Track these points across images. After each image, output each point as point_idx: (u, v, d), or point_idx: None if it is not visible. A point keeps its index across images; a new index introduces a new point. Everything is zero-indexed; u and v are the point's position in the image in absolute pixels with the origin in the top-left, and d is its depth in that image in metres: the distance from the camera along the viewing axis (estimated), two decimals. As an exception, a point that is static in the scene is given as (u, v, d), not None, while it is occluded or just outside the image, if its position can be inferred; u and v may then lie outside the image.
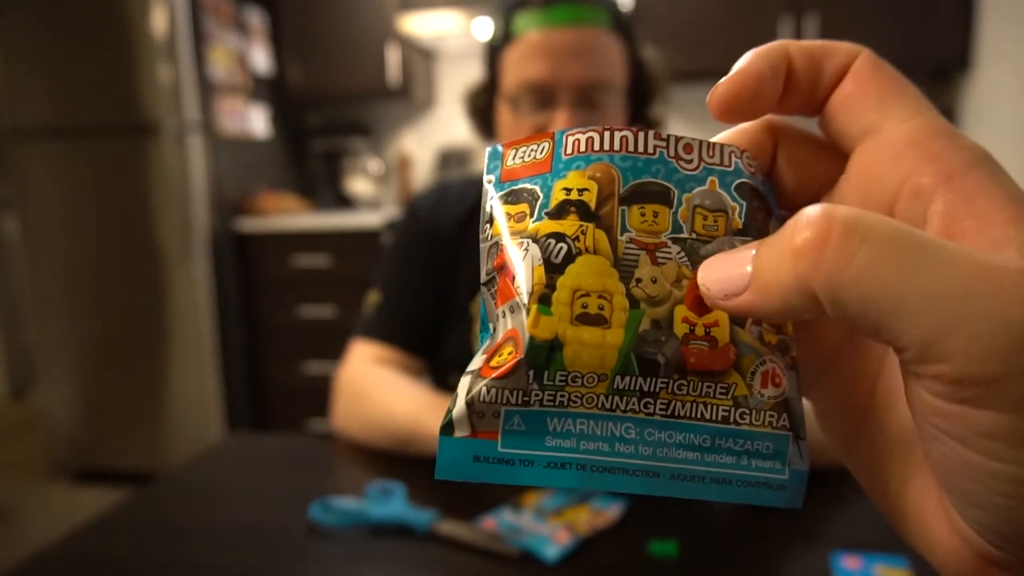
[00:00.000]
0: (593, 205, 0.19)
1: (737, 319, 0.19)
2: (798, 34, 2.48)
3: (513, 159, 0.21)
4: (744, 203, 0.20)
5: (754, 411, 0.18)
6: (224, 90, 2.52)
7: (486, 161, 0.21)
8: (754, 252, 0.17)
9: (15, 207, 2.50)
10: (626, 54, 0.82)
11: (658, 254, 0.19)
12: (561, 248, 0.19)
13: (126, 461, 2.55)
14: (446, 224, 0.95)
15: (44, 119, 2.43)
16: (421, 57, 2.91)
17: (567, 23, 0.77)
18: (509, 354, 0.18)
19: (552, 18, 0.77)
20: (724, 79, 0.19)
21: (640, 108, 0.88)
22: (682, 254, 0.19)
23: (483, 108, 0.91)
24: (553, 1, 0.77)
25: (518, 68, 0.80)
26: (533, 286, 0.18)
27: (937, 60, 2.46)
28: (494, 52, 0.84)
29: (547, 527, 0.61)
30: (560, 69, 0.77)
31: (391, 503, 0.65)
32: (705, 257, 0.19)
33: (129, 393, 2.52)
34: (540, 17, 0.78)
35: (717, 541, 0.61)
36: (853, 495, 0.70)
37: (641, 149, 0.20)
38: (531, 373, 0.18)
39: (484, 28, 2.63)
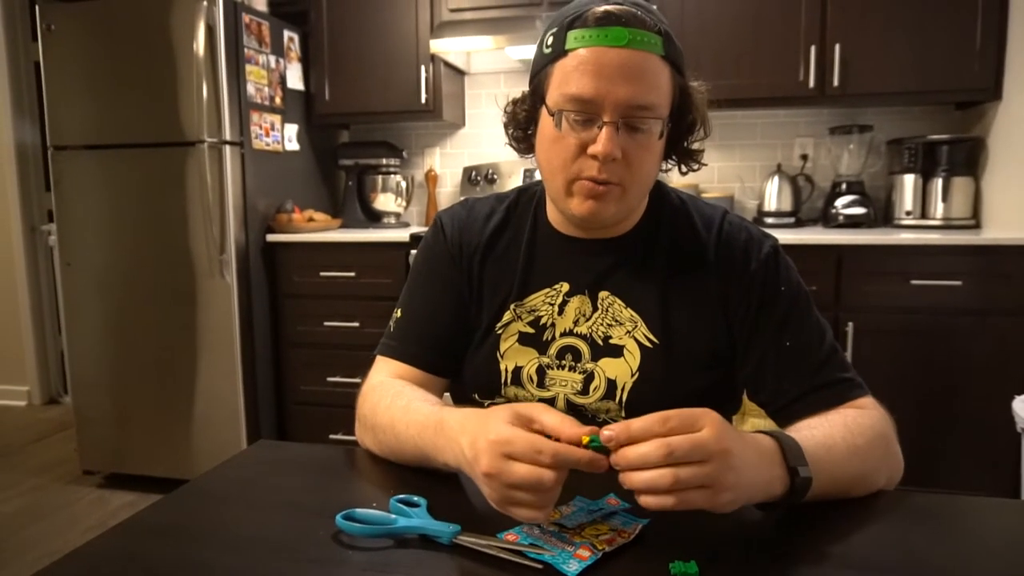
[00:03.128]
0: None
1: None
2: (825, 65, 2.47)
3: None
4: None
5: None
6: (259, 108, 2.59)
7: None
8: None
9: (55, 219, 2.58)
10: (673, 83, 0.83)
11: None
12: None
13: (153, 467, 2.59)
14: (471, 242, 0.95)
15: (86, 135, 2.51)
16: (451, 77, 2.96)
17: (620, 44, 0.78)
18: None
19: (606, 38, 0.78)
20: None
21: (681, 138, 0.88)
22: None
23: (523, 120, 0.90)
24: (609, 22, 0.78)
25: (566, 82, 0.80)
26: None
27: (965, 91, 2.44)
28: (543, 65, 0.84)
29: (568, 542, 0.62)
30: (608, 88, 0.78)
31: (415, 515, 0.67)
32: None
33: (158, 401, 2.57)
34: (594, 35, 0.78)
35: (737, 562, 0.61)
36: (871, 519, 0.70)
37: None
38: None
39: (516, 50, 2.67)
